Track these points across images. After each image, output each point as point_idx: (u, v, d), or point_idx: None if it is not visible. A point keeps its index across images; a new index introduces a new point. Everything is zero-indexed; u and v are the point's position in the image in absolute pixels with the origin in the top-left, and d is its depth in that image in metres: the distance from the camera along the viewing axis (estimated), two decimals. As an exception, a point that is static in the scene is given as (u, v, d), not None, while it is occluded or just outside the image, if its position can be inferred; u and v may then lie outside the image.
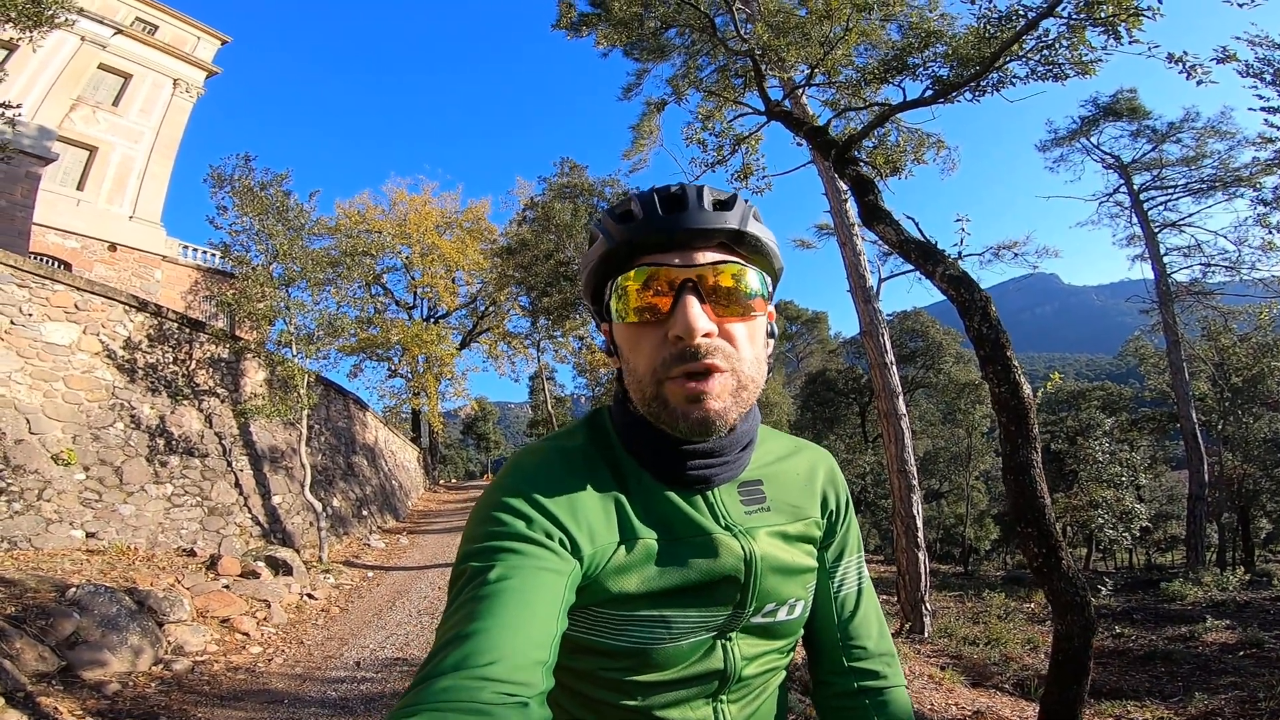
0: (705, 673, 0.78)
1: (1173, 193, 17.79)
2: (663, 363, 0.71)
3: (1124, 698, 6.43)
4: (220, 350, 10.48)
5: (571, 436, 0.82)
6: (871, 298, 10.34)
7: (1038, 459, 4.06)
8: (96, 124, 18.30)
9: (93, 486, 7.62)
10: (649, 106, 10.52)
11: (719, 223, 0.73)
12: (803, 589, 0.84)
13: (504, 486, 0.73)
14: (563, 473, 0.75)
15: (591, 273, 0.79)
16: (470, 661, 0.55)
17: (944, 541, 27.01)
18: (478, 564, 0.65)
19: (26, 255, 13.61)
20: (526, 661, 0.58)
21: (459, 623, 0.59)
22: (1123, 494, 16.39)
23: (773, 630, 0.82)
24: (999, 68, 5.62)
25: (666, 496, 0.78)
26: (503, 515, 0.69)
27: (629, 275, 0.73)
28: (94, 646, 4.74)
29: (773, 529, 0.81)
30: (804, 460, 0.90)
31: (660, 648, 0.75)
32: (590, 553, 0.71)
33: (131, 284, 17.74)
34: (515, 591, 0.62)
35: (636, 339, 0.74)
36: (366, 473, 15.95)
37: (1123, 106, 17.64)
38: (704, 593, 0.76)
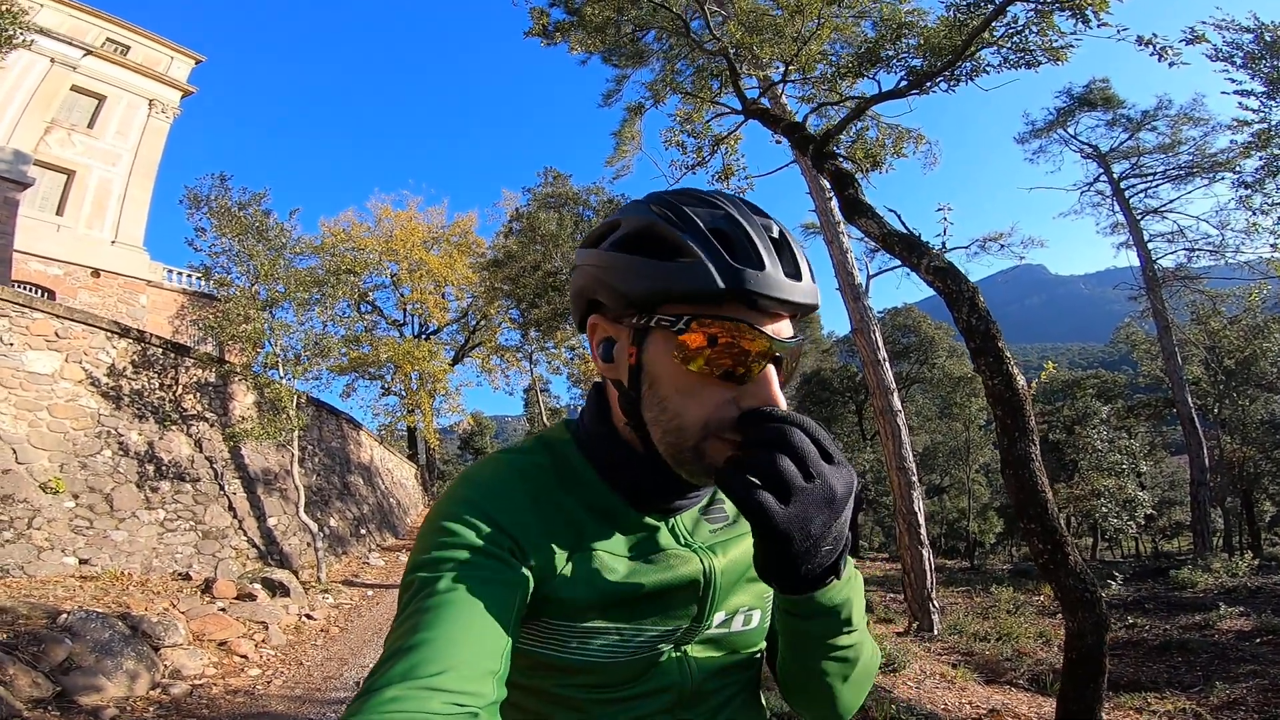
0: (662, 687, 0.76)
1: (1152, 180, 18.01)
2: (719, 423, 0.66)
3: (1142, 689, 6.34)
4: (207, 374, 10.40)
5: (528, 452, 0.78)
6: (860, 295, 10.34)
7: (1036, 452, 3.99)
8: (73, 146, 18.08)
9: (83, 514, 7.52)
10: (629, 112, 10.52)
11: (811, 299, 0.68)
12: (759, 599, 0.82)
13: (454, 498, 0.70)
14: (514, 484, 0.72)
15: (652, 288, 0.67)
16: (418, 671, 0.53)
17: (948, 536, 26.99)
18: (426, 574, 0.63)
19: (9, 284, 13.46)
20: (477, 671, 0.56)
21: (406, 633, 0.57)
22: (1124, 482, 16.41)
23: (730, 641, 0.80)
24: (971, 55, 5.65)
25: (627, 516, 0.75)
26: (452, 525, 0.66)
27: (726, 325, 0.65)
28: (88, 672, 4.68)
29: (731, 542, 0.80)
30: None
31: (614, 662, 0.72)
32: (542, 563, 0.69)
33: (117, 310, 17.53)
34: (464, 602, 0.60)
35: (695, 387, 0.67)
36: (363, 491, 15.83)
37: (1096, 96, 17.88)
38: (660, 605, 0.74)
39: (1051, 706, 5.69)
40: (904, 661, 6.65)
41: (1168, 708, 5.76)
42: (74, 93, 18.28)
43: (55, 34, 17.19)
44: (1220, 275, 16.70)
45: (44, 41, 15.99)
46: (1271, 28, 9.37)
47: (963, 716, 5.51)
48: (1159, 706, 5.80)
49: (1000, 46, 5.67)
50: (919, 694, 6.01)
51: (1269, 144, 11.42)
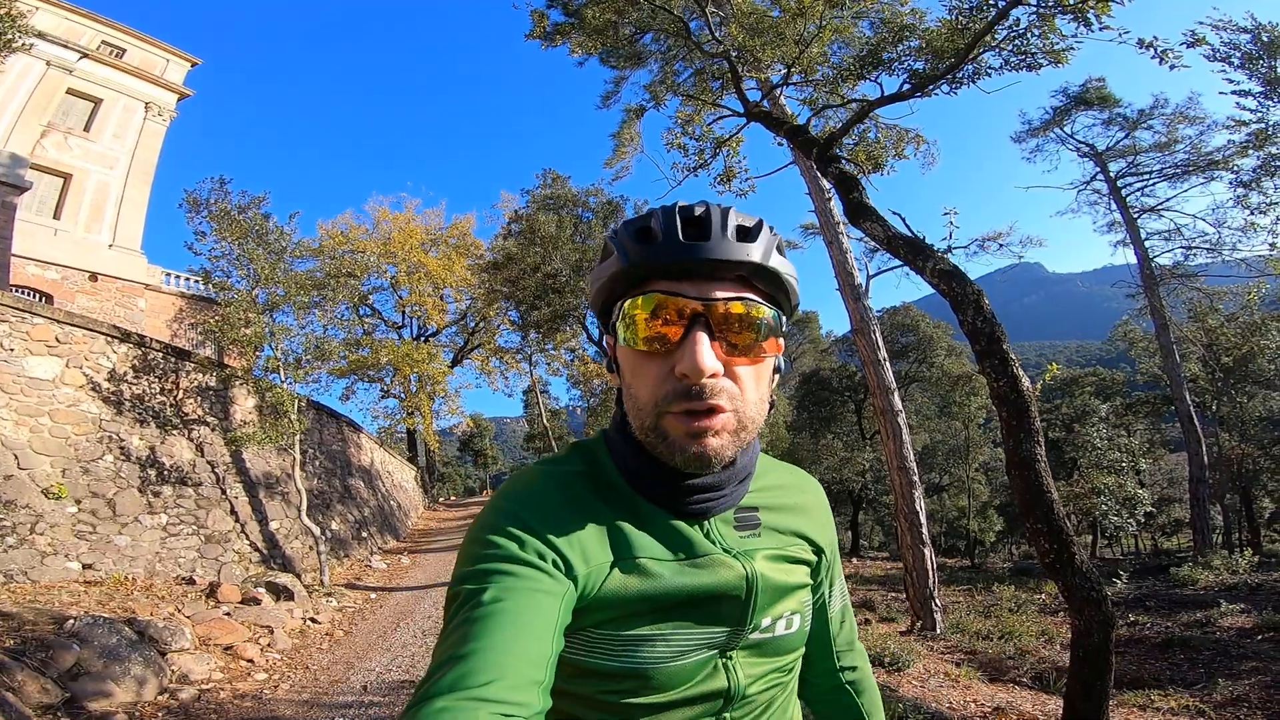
0: (708, 693, 0.76)
1: (1149, 178, 18.05)
2: (665, 396, 0.69)
3: (1145, 686, 6.36)
4: (208, 378, 10.36)
5: (565, 461, 0.80)
6: (860, 295, 10.34)
7: (1041, 453, 3.99)
8: (69, 150, 17.99)
9: (86, 519, 7.50)
10: (628, 113, 10.52)
11: (741, 255, 0.69)
12: (799, 605, 0.84)
13: (496, 510, 0.72)
14: (555, 495, 0.74)
15: (601, 289, 0.75)
16: (466, 682, 0.54)
17: (949, 535, 27.00)
18: (471, 586, 0.64)
19: (8, 288, 13.41)
20: (523, 681, 0.57)
21: (454, 644, 0.59)
22: (1124, 479, 16.44)
23: (773, 646, 0.81)
24: (973, 59, 5.67)
25: (664, 523, 0.76)
26: (495, 538, 0.68)
27: (636, 302, 0.70)
28: (97, 677, 4.66)
29: (768, 551, 0.81)
30: (796, 488, 0.91)
31: (660, 668, 0.73)
32: (584, 573, 0.70)
33: (115, 314, 17.45)
34: (510, 612, 0.61)
35: (640, 366, 0.72)
36: (364, 494, 15.80)
37: (1092, 95, 17.93)
38: (703, 611, 0.75)
39: (1055, 704, 5.72)
40: (908, 661, 6.66)
41: (1171, 705, 5.78)
42: (70, 96, 18.19)
43: (51, 37, 17.08)
44: (1217, 273, 16.77)
45: (40, 45, 15.90)
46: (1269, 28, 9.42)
47: (968, 715, 5.51)
48: (1162, 703, 5.82)
49: (1002, 49, 5.70)
50: (924, 692, 6.02)
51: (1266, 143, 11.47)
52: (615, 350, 0.77)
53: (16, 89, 16.37)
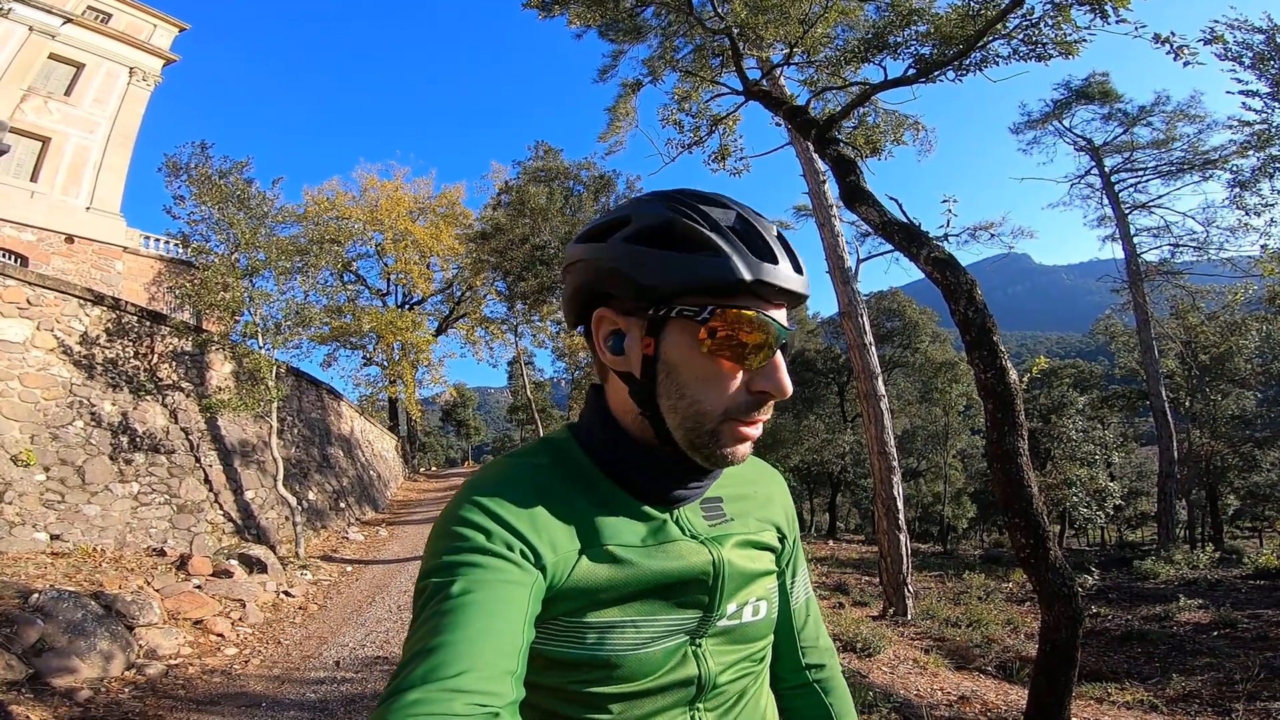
0: (679, 681, 0.77)
1: (1143, 175, 18.20)
2: (738, 407, 0.72)
3: (1103, 679, 6.53)
4: (183, 343, 10.14)
5: (532, 454, 0.80)
6: (850, 279, 10.34)
7: (1024, 446, 4.01)
8: (49, 114, 17.79)
9: (54, 488, 7.35)
10: (625, 88, 10.29)
11: (806, 291, 0.75)
12: (766, 591, 0.86)
13: (463, 502, 0.71)
14: (523, 486, 0.73)
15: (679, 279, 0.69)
16: (439, 673, 0.55)
17: (923, 520, 27.49)
18: (440, 579, 0.64)
19: None
20: (496, 672, 0.57)
21: (424, 636, 0.58)
22: (1096, 472, 16.74)
23: (742, 633, 0.82)
24: (982, 46, 5.56)
25: (635, 510, 0.77)
26: (462, 530, 0.67)
27: (745, 313, 0.70)
28: (61, 653, 4.60)
29: (735, 537, 0.83)
30: (758, 477, 0.93)
31: (629, 655, 0.73)
32: (553, 562, 0.70)
33: (91, 276, 17.27)
34: (480, 604, 0.61)
35: (716, 374, 0.71)
36: (343, 464, 15.70)
37: (1095, 90, 17.92)
38: (672, 597, 0.76)
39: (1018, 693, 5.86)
40: (879, 646, 6.78)
41: (1127, 698, 5.95)
42: (52, 60, 17.90)
43: (35, 2, 16.71)
44: (1202, 271, 17.04)
45: (23, 9, 15.76)
46: (1284, 30, 9.33)
47: (935, 703, 5.62)
48: (1119, 697, 5.99)
49: (1012, 38, 5.59)
50: (893, 679, 6.13)
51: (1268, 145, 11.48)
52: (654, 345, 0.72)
53: None
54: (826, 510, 26.94)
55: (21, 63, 16.65)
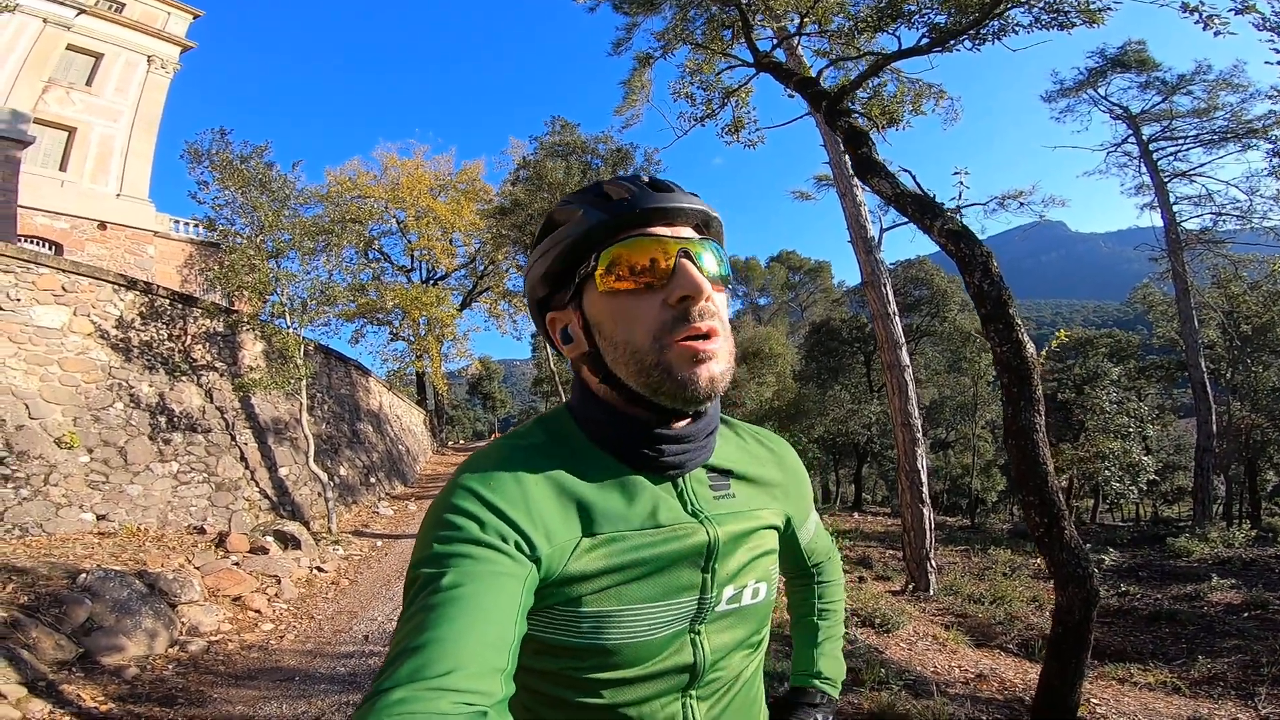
0: (674, 668, 0.77)
1: (1183, 143, 17.61)
2: (663, 326, 0.72)
3: (1128, 660, 6.46)
4: (215, 324, 10.41)
5: (527, 435, 0.80)
6: (873, 248, 10.20)
7: (1041, 422, 3.93)
8: (72, 104, 18.15)
9: (98, 468, 7.66)
10: (638, 61, 10.11)
11: (699, 204, 0.78)
12: (765, 572, 0.85)
13: (456, 489, 0.70)
14: (517, 471, 0.73)
15: (560, 255, 0.77)
16: (425, 671, 0.54)
17: (951, 492, 27.24)
18: (430, 570, 0.63)
19: (15, 239, 13.59)
20: (484, 669, 0.57)
21: (412, 632, 0.58)
22: (1130, 445, 16.37)
23: (740, 616, 0.82)
24: (999, 14, 5.36)
25: (634, 487, 0.77)
26: (455, 519, 0.67)
27: (625, 244, 0.74)
28: (109, 632, 4.80)
29: (738, 515, 0.83)
30: (768, 455, 0.94)
31: (628, 643, 0.73)
32: (548, 552, 0.70)
33: (125, 261, 17.81)
34: (470, 598, 0.60)
35: (630, 308, 0.74)
36: (372, 439, 16.06)
37: (1131, 58, 17.30)
38: (669, 583, 0.76)
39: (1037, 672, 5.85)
40: (898, 622, 6.80)
41: (1150, 679, 5.89)
42: (70, 51, 18.17)
43: None
44: (1245, 240, 16.46)
45: (34, 2, 15.94)
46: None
47: (951, 680, 5.64)
48: (1141, 678, 5.93)
49: (1032, 6, 5.38)
50: (910, 655, 6.16)
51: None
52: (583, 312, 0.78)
53: (13, 46, 16.38)
54: (852, 482, 26.85)
55: (39, 55, 16.94)
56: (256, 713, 4.24)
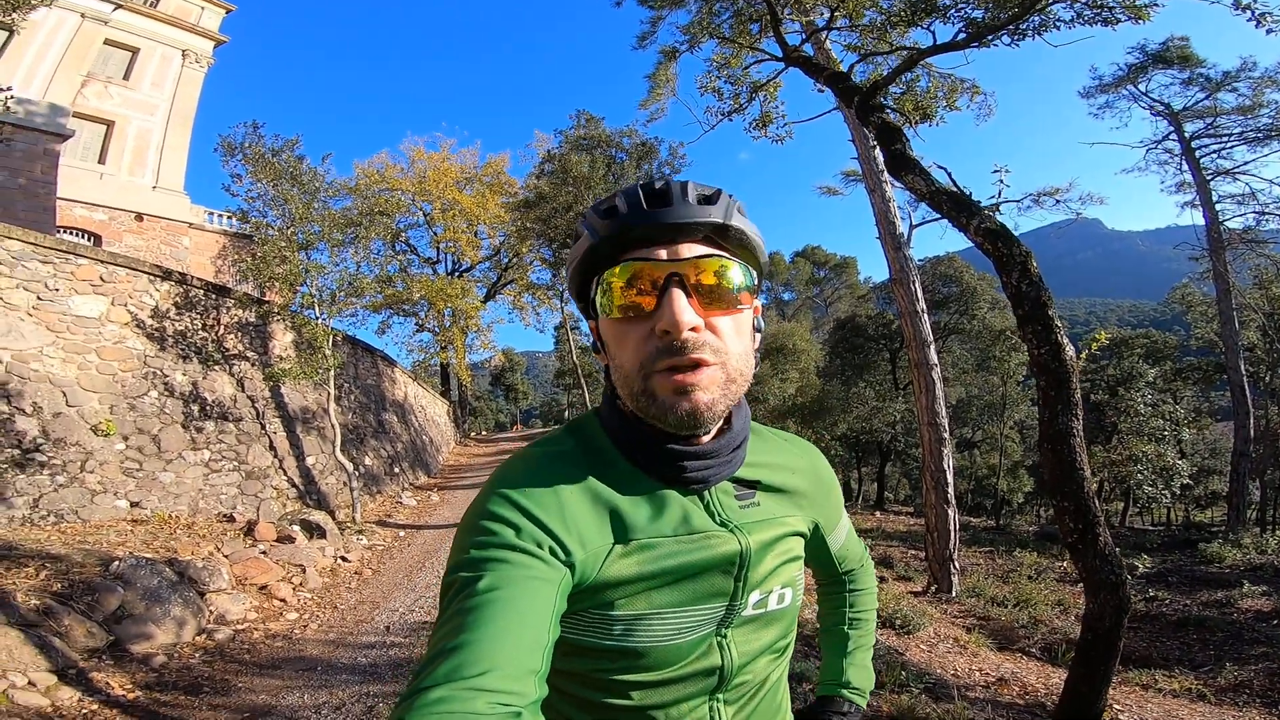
0: (701, 671, 0.78)
1: (1226, 141, 17.15)
2: (649, 356, 0.72)
3: (1153, 666, 6.39)
4: (247, 314, 10.62)
5: (559, 441, 0.81)
6: (902, 245, 10.09)
7: (1078, 426, 3.84)
8: (110, 99, 18.61)
9: (133, 456, 7.87)
10: (664, 55, 10.06)
11: (703, 216, 0.73)
12: (790, 578, 0.86)
13: (492, 495, 0.72)
14: (551, 479, 0.74)
15: (576, 270, 0.79)
16: (462, 672, 0.55)
17: (976, 493, 26.81)
18: (467, 574, 0.65)
19: (54, 230, 14.03)
20: (519, 671, 0.58)
21: (449, 634, 0.59)
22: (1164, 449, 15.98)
23: (766, 621, 0.83)
24: (1040, 9, 5.22)
25: (663, 497, 0.78)
26: (491, 525, 0.69)
27: (614, 271, 0.74)
28: (139, 620, 4.91)
29: (766, 523, 0.83)
30: (795, 463, 0.93)
31: (657, 646, 0.75)
32: (582, 558, 0.71)
33: (161, 252, 18.31)
34: (505, 601, 0.62)
35: (622, 334, 0.75)
36: (397, 429, 16.28)
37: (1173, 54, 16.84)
38: (699, 588, 0.77)
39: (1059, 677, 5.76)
40: (919, 624, 6.73)
41: (1174, 686, 5.80)
42: (108, 46, 18.58)
43: None
44: (1292, 241, 15.92)
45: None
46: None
47: (971, 683, 5.58)
48: (1166, 684, 5.85)
49: (1074, 1, 5.24)
50: (930, 658, 6.11)
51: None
52: (598, 328, 0.80)
53: (52, 41, 16.73)
54: (875, 480, 26.55)
55: (77, 50, 17.30)
56: (279, 702, 4.31)
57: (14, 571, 5.02)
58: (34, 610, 4.46)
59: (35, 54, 16.21)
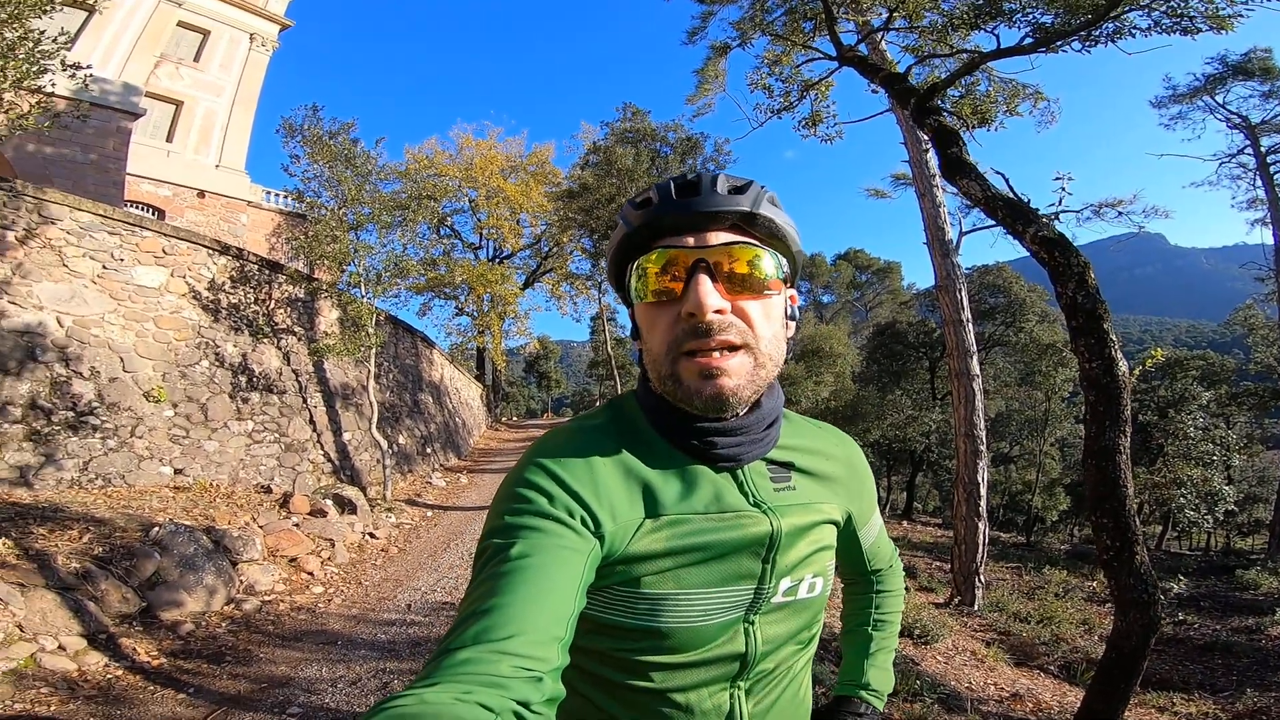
0: (725, 656, 0.79)
1: None
2: (675, 340, 0.74)
3: (1173, 689, 6.30)
4: (297, 290, 10.95)
5: (596, 416, 0.84)
6: (950, 251, 9.92)
7: (1125, 444, 3.77)
8: (180, 79, 19.44)
9: (180, 423, 8.22)
10: (714, 50, 10.01)
11: (731, 205, 0.76)
12: (823, 567, 0.86)
13: (529, 465, 0.75)
14: (586, 451, 0.77)
15: (613, 258, 0.83)
16: (489, 635, 0.57)
17: (1008, 508, 26.17)
18: (499, 540, 0.67)
19: (122, 204, 14.70)
20: (544, 637, 0.60)
21: (480, 597, 0.62)
22: (1211, 474, 15.34)
23: (794, 609, 0.83)
24: (1115, 16, 5.04)
25: (696, 474, 0.79)
26: (526, 493, 0.71)
27: (648, 257, 0.77)
28: (172, 587, 5.05)
29: (799, 508, 0.83)
30: (830, 450, 0.93)
31: (682, 627, 0.75)
32: (612, 530, 0.73)
33: (219, 228, 19.09)
34: (535, 568, 0.64)
35: (653, 318, 0.78)
36: (431, 410, 16.60)
37: (1255, 66, 16.04)
38: (727, 569, 0.78)
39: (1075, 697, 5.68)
40: (937, 635, 6.69)
41: (1191, 710, 5.71)
42: (180, 28, 19.29)
43: None
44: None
45: None
46: None
47: (985, 697, 5.54)
48: (1183, 708, 5.76)
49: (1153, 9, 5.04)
50: (946, 669, 6.07)
51: None
52: (634, 315, 0.83)
53: (129, 23, 17.35)
54: (904, 489, 26.10)
55: (153, 31, 17.94)
56: (298, 674, 4.43)
57: (57, 534, 5.23)
58: (73, 573, 4.60)
59: (113, 35, 16.83)
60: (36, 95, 6.75)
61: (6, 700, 3.52)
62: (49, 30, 6.64)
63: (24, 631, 3.95)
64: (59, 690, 3.74)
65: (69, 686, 3.81)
